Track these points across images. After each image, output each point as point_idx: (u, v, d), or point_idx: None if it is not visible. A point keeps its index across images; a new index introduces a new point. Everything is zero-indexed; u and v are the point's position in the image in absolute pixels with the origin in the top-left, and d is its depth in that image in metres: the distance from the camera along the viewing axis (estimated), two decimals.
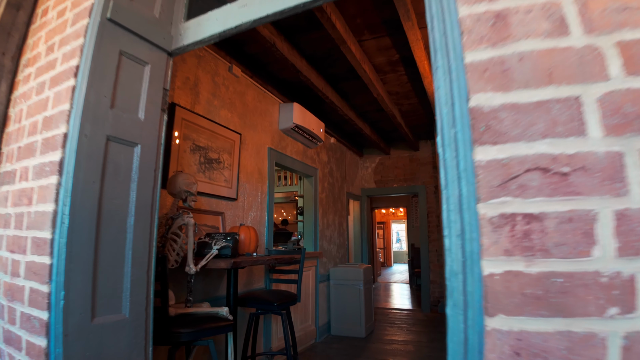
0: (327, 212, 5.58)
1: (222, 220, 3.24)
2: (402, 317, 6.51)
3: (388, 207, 12.97)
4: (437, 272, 6.82)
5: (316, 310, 4.94)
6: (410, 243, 10.94)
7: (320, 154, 5.50)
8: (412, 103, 5.20)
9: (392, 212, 17.45)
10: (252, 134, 3.82)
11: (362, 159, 7.49)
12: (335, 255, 5.79)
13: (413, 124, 6.07)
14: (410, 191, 7.22)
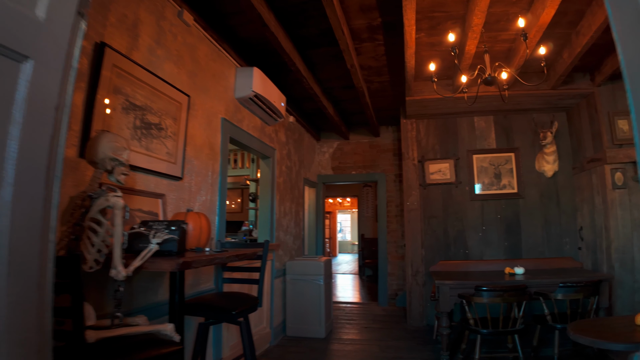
0: (284, 199, 4.97)
1: (162, 205, 2.53)
2: (359, 312, 6.09)
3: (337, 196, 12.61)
4: (395, 264, 6.49)
5: (271, 309, 4.34)
6: (360, 233, 10.63)
7: (279, 133, 4.87)
8: (383, 81, 4.71)
9: (339, 201, 17.16)
10: (203, 99, 3.10)
11: (319, 143, 6.94)
12: (291, 247, 5.21)
13: (379, 105, 5.60)
14: (370, 179, 6.81)
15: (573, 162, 5.07)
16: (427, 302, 5.16)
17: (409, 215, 5.30)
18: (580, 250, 4.87)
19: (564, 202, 5.07)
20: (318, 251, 6.80)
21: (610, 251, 4.20)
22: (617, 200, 4.23)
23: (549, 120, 5.15)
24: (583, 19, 3.32)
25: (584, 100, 4.70)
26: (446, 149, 5.40)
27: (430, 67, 3.09)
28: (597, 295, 3.36)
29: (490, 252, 5.11)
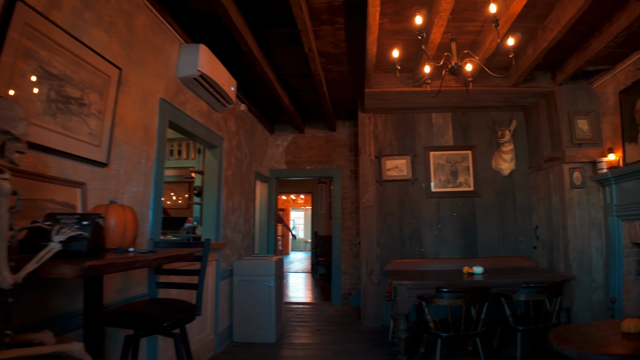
0: (232, 193, 4.61)
1: (81, 196, 2.11)
2: (311, 313, 5.84)
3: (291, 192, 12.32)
4: (349, 262, 6.31)
5: (216, 314, 3.98)
6: (314, 231, 10.41)
7: (228, 121, 4.49)
8: (342, 71, 4.47)
9: (293, 198, 16.86)
10: (138, 74, 2.69)
11: (273, 136, 6.60)
12: (240, 245, 4.86)
13: (336, 98, 5.36)
14: (325, 174, 6.57)
15: (530, 161, 5.11)
16: (382, 302, 5.00)
17: (365, 212, 5.12)
18: (535, 249, 4.90)
19: (519, 201, 5.09)
20: (269, 250, 6.47)
21: (568, 250, 4.22)
22: (575, 200, 4.27)
23: (507, 119, 5.16)
24: (552, 12, 3.24)
25: (543, 99, 4.72)
26: (403, 145, 5.27)
27: (394, 53, 2.87)
28: (559, 296, 3.31)
29: (446, 251, 5.04)
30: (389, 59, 3.94)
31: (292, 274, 10.76)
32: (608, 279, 4.09)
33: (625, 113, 3.90)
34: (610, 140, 4.18)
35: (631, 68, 3.83)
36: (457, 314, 3.30)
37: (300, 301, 6.76)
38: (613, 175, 3.92)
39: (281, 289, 4.71)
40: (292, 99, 5.28)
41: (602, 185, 4.18)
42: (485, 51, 3.47)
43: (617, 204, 4.00)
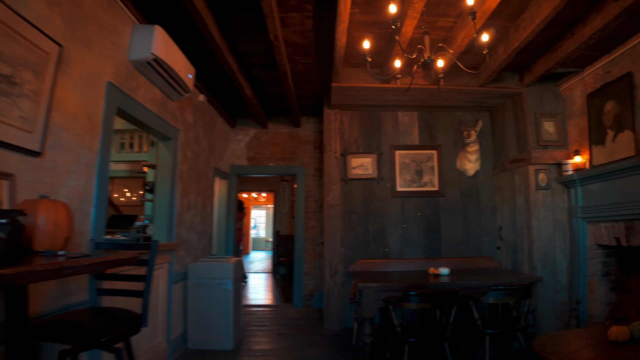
0: (188, 190, 4.34)
1: (8, 189, 1.84)
2: (272, 315, 5.65)
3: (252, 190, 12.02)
4: (312, 262, 6.17)
5: (168, 320, 3.72)
6: (275, 230, 10.21)
7: (185, 112, 4.22)
8: (308, 63, 4.31)
9: (254, 197, 16.53)
10: (83, 54, 2.41)
11: (234, 131, 6.34)
12: (196, 246, 4.59)
13: (302, 92, 5.20)
14: (288, 172, 6.40)
15: (494, 162, 5.17)
16: (346, 303, 4.90)
17: (329, 211, 5.00)
18: (499, 250, 4.96)
19: (483, 202, 5.14)
20: (228, 251, 6.22)
21: (533, 251, 4.28)
22: (540, 201, 4.34)
23: (473, 119, 5.20)
24: (526, 11, 3.22)
25: (510, 100, 4.77)
26: (369, 143, 5.20)
27: (364, 44, 2.75)
28: (528, 299, 3.31)
29: (410, 251, 5.01)
30: (359, 52, 3.84)
31: (252, 274, 10.49)
32: (572, 280, 4.18)
33: (593, 116, 4.00)
34: (577, 142, 4.28)
35: (601, 71, 3.92)
36: (424, 316, 3.23)
37: (261, 303, 6.55)
38: (579, 177, 4.01)
39: (239, 292, 4.50)
40: (256, 91, 5.07)
41: (567, 187, 4.28)
42: (457, 48, 3.43)
43: (582, 205, 4.10)
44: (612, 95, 3.75)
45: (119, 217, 6.84)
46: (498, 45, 3.77)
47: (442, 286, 3.54)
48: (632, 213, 3.46)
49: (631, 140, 3.49)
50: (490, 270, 4.53)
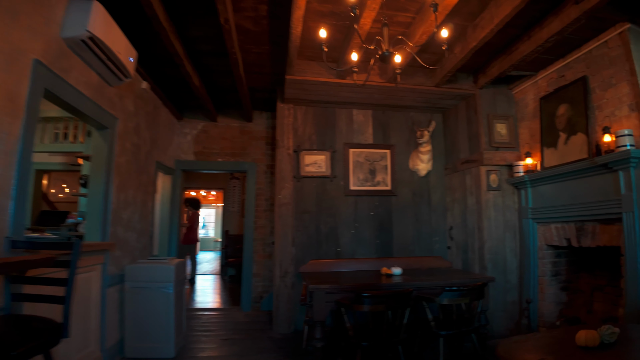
0: (126, 184, 4.04)
1: None
2: (219, 319, 5.42)
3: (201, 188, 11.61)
4: (262, 263, 6.00)
5: (102, 327, 3.42)
6: (224, 229, 9.91)
7: (125, 100, 3.92)
8: (262, 53, 4.14)
9: (203, 194, 16.01)
10: (6, 25, 2.10)
11: (181, 123, 6.03)
12: (134, 246, 4.29)
13: (254, 84, 5.01)
14: (238, 168, 6.18)
15: (446, 163, 5.27)
16: (296, 305, 4.78)
17: (280, 209, 4.86)
18: (449, 250, 5.06)
19: (435, 202, 5.23)
20: (172, 251, 5.90)
21: (483, 251, 4.39)
22: (491, 202, 4.46)
23: (427, 120, 5.28)
24: (485, 10, 3.26)
25: (463, 102, 4.87)
26: (323, 140, 5.12)
27: (321, 33, 2.64)
28: (481, 299, 3.34)
29: (363, 251, 4.99)
30: (315, 44, 3.75)
31: (200, 276, 10.12)
32: (522, 280, 4.33)
33: (546, 119, 4.15)
34: (528, 144, 4.45)
35: (555, 75, 4.08)
36: (377, 318, 3.18)
37: (207, 307, 6.28)
38: (530, 178, 4.15)
39: (182, 295, 4.25)
40: (205, 81, 4.82)
41: (518, 188, 4.43)
42: (415, 43, 3.41)
43: (532, 207, 4.25)
44: (566, 98, 3.90)
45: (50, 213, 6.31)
46: (455, 44, 3.82)
47: (395, 287, 3.52)
48: (583, 214, 3.62)
49: (584, 143, 3.64)
50: (442, 270, 4.60)
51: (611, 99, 3.42)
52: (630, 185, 3.09)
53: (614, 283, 3.85)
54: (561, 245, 3.95)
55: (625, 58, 3.26)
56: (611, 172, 3.28)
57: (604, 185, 3.38)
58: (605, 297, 3.99)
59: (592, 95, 3.61)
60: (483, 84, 4.47)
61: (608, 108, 3.45)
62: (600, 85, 3.53)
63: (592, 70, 3.63)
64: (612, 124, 3.38)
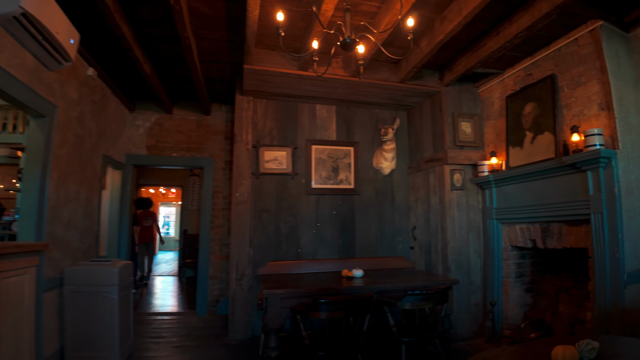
0: (67, 179, 3.77)
1: None
2: (172, 325, 5.19)
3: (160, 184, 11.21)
4: (218, 265, 5.82)
5: (38, 335, 3.16)
6: (182, 229, 9.60)
7: (67, 86, 3.66)
8: (218, 40, 3.96)
9: (163, 192, 15.51)
10: None
11: (133, 114, 5.74)
12: (76, 247, 4.01)
13: (211, 74, 4.82)
14: (195, 164, 5.96)
15: (409, 162, 5.28)
16: (254, 310, 4.64)
17: (238, 208, 4.70)
18: (412, 250, 5.06)
19: (398, 201, 5.22)
20: (121, 253, 5.60)
21: (447, 252, 4.39)
22: (454, 201, 4.47)
23: (391, 117, 5.26)
24: (453, 1, 3.22)
25: (428, 99, 4.87)
26: (284, 135, 5.00)
27: (278, 16, 2.51)
28: (445, 303, 3.29)
29: (324, 251, 4.91)
30: (274, 31, 3.61)
31: (156, 277, 9.77)
32: (486, 282, 4.36)
33: (512, 117, 4.18)
34: (493, 144, 4.49)
35: (522, 73, 4.12)
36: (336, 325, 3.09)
37: (160, 311, 6.03)
38: (495, 178, 4.18)
39: (129, 300, 4.01)
40: (159, 69, 4.59)
41: (482, 188, 4.46)
42: (380, 35, 3.36)
43: (497, 207, 4.28)
44: (533, 97, 3.93)
45: None
46: (421, 38, 3.79)
47: (356, 291, 3.44)
48: (549, 215, 3.63)
49: (551, 142, 3.66)
50: (405, 271, 4.58)
51: (580, 98, 3.46)
52: (599, 186, 3.11)
53: (579, 285, 3.90)
54: (526, 246, 3.98)
55: (596, 56, 3.29)
56: (579, 172, 3.30)
57: (571, 185, 3.41)
58: (570, 299, 4.04)
59: (560, 94, 3.65)
60: (449, 81, 4.48)
61: (577, 107, 3.49)
62: (569, 84, 3.57)
63: (560, 69, 3.67)
64: (581, 123, 3.42)
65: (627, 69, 3.30)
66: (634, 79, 3.32)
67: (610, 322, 2.99)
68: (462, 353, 3.95)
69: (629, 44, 3.38)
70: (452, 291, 3.79)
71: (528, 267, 4.27)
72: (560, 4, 2.85)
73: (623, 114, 3.17)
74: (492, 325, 4.18)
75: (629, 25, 3.35)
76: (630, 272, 2.99)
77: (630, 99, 3.25)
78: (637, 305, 2.97)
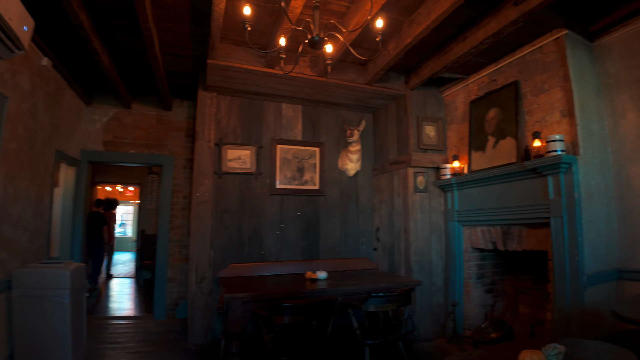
0: (17, 175, 3.63)
1: None
2: (128, 329, 5.09)
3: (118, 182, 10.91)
4: (178, 267, 5.74)
5: None
6: (140, 229, 9.39)
7: (19, 76, 3.53)
8: (182, 33, 3.90)
9: (120, 190, 15.09)
10: None
11: (89, 108, 5.56)
12: (26, 247, 3.87)
13: (174, 68, 4.75)
14: (154, 161, 5.85)
15: (374, 163, 5.41)
16: (214, 313, 4.61)
17: (198, 208, 4.65)
18: (376, 251, 5.19)
19: (362, 202, 5.33)
20: (74, 254, 5.43)
21: (409, 253, 4.53)
22: (417, 203, 4.62)
23: (357, 119, 5.37)
24: (422, 5, 3.32)
25: (394, 102, 5.01)
26: (249, 134, 5.01)
27: (245, 10, 2.53)
28: (408, 305, 3.37)
29: (288, 253, 4.96)
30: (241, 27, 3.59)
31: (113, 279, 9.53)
32: (448, 283, 4.54)
33: (475, 122, 4.37)
34: (456, 147, 4.67)
35: (486, 79, 4.30)
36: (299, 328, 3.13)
37: (117, 315, 5.88)
38: (457, 181, 4.35)
39: (82, 305, 3.90)
40: (118, 61, 4.47)
41: (445, 190, 4.64)
42: (349, 35, 3.43)
43: (458, 209, 4.46)
44: (496, 103, 4.12)
45: None
46: (389, 41, 3.89)
47: (320, 294, 3.48)
48: (509, 218, 3.81)
49: (513, 147, 3.84)
50: (369, 273, 4.70)
51: (543, 105, 3.64)
52: (559, 190, 3.27)
53: (538, 286, 4.11)
54: (487, 248, 4.16)
55: (560, 64, 3.46)
56: (540, 177, 3.47)
57: (532, 189, 3.57)
58: (530, 300, 4.24)
59: (523, 100, 3.83)
60: (414, 85, 4.63)
61: (539, 113, 3.67)
62: (532, 91, 3.75)
63: (524, 75, 3.84)
64: (543, 129, 3.59)
65: (590, 77, 3.49)
66: (596, 87, 3.52)
67: (570, 324, 3.14)
68: (425, 354, 4.10)
69: (593, 52, 3.59)
70: (414, 292, 3.90)
71: (489, 268, 4.48)
72: (528, 11, 2.99)
73: (585, 121, 3.35)
74: (454, 325, 4.34)
75: (593, 34, 3.56)
76: (590, 274, 3.14)
77: (592, 106, 3.44)
78: (596, 307, 3.13)
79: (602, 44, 3.56)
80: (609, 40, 3.50)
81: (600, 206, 3.33)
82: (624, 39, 3.37)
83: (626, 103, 3.36)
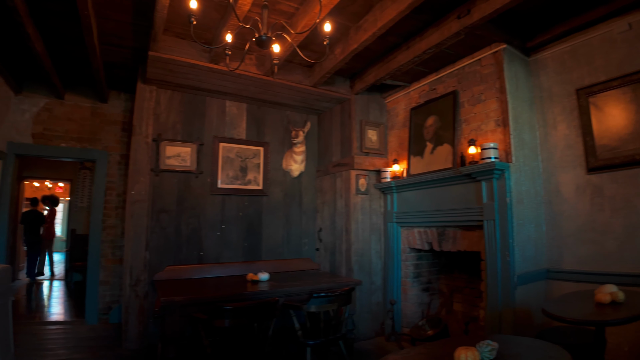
0: None
1: None
2: (58, 335, 4.89)
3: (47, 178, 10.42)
4: (111, 269, 5.60)
5: None
6: (70, 228, 9.03)
7: None
8: (122, 22, 3.80)
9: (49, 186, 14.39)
10: None
11: (19, 97, 5.28)
12: None
13: (112, 59, 4.61)
14: (86, 156, 5.66)
15: (318, 165, 5.58)
16: (150, 317, 4.56)
17: (133, 207, 4.55)
18: (318, 252, 5.36)
19: (306, 203, 5.48)
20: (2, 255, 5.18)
21: (350, 253, 4.73)
22: (359, 205, 4.84)
23: (302, 120, 5.53)
24: (370, 12, 3.47)
25: (339, 105, 5.21)
26: (189, 130, 4.99)
27: (191, 4, 2.54)
28: (349, 304, 3.50)
29: (229, 254, 5.00)
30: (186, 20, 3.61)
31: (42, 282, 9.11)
32: (386, 282, 4.78)
33: (415, 128, 4.63)
34: (396, 152, 4.94)
35: (427, 88, 4.58)
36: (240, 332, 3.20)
37: (46, 320, 5.65)
38: (396, 184, 4.61)
39: (7, 310, 3.76)
40: (52, 49, 4.29)
41: (385, 193, 4.89)
42: (297, 36, 3.53)
43: (397, 211, 4.72)
44: (435, 110, 4.39)
45: None
46: (336, 45, 4.04)
47: (261, 296, 3.55)
48: (445, 220, 4.10)
49: (450, 153, 4.12)
50: (310, 273, 4.84)
51: (479, 114, 3.93)
52: (492, 195, 3.56)
53: (472, 285, 4.44)
54: (423, 248, 4.45)
55: (497, 76, 3.76)
56: (474, 182, 3.75)
57: (466, 194, 3.86)
58: (464, 298, 4.58)
59: (461, 109, 4.12)
60: (359, 90, 4.84)
61: (475, 122, 3.96)
62: (470, 100, 4.04)
63: (463, 86, 4.14)
64: (478, 137, 3.88)
65: (524, 90, 3.82)
66: (530, 100, 3.86)
67: (502, 321, 3.42)
68: (365, 352, 4.29)
69: (528, 67, 3.93)
70: (355, 292, 4.07)
71: (425, 268, 4.78)
72: (470, 25, 3.24)
73: (518, 131, 3.66)
74: (392, 323, 4.60)
75: (530, 50, 3.89)
76: (520, 274, 3.43)
77: (525, 117, 3.77)
78: (527, 305, 3.43)
79: (537, 59, 3.89)
80: (544, 56, 3.84)
81: (530, 210, 3.65)
82: (559, 55, 3.72)
83: (557, 115, 3.70)
